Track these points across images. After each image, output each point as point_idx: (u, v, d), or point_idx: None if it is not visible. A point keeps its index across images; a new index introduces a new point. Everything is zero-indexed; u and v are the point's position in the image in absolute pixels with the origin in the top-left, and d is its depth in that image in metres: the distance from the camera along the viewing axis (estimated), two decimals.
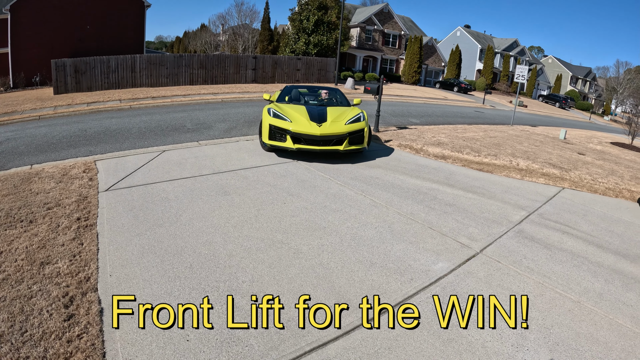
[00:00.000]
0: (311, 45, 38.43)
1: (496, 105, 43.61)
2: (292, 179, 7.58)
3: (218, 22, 73.48)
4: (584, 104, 74.94)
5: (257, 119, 15.35)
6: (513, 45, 72.38)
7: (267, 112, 9.46)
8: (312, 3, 38.80)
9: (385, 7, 54.67)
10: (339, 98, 12.02)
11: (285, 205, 6.27)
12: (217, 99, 21.62)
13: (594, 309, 4.46)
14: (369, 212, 6.34)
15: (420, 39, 51.21)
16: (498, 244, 5.78)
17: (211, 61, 29.28)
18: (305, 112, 9.66)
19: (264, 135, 9.31)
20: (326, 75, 35.77)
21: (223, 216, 5.65)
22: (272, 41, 51.25)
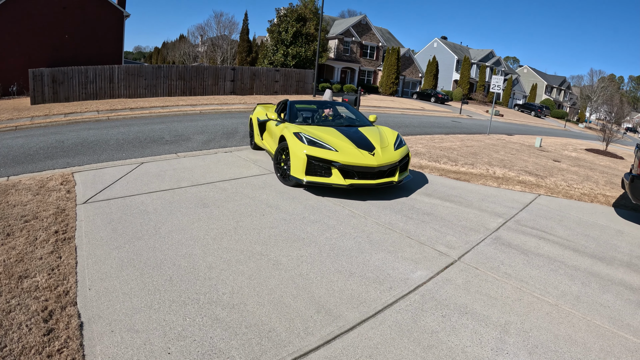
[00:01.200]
0: (289, 56, 38.60)
1: (473, 114, 44.08)
2: (270, 190, 7.59)
3: (197, 33, 73.50)
4: (559, 112, 76.26)
5: (236, 130, 15.37)
6: (489, 55, 73.41)
7: (297, 138, 7.69)
8: (291, 15, 39.03)
9: (363, 19, 55.15)
10: (359, 116, 10.30)
11: (264, 217, 6.26)
12: (196, 111, 21.56)
13: (572, 311, 4.54)
14: (347, 222, 6.36)
15: (397, 51, 51.72)
16: (476, 251, 5.85)
17: (190, 72, 29.23)
18: (345, 137, 8.11)
19: (295, 169, 7.56)
20: (304, 87, 35.92)
21: (202, 228, 5.62)
22: (250, 52, 51.35)
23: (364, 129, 8.88)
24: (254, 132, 11.09)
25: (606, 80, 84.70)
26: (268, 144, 9.82)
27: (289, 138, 7.85)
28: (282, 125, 8.66)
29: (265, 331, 3.61)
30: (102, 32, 32.22)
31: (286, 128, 8.21)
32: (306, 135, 7.74)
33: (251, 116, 11.47)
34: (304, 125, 8.59)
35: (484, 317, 4.19)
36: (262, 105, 11.62)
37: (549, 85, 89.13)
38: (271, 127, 9.57)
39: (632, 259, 6.28)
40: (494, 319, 4.19)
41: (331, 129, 8.59)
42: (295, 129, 8.10)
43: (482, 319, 4.15)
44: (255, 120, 10.86)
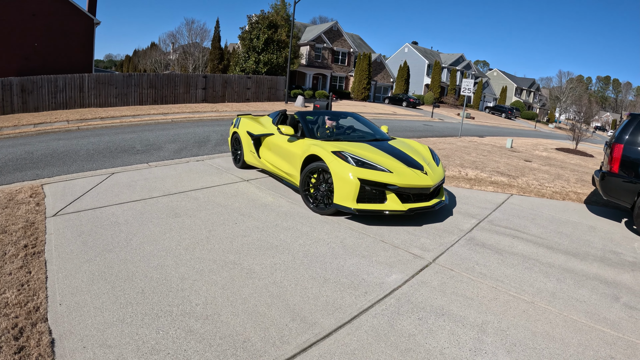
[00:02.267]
0: (261, 63, 38.48)
1: (444, 118, 44.52)
2: (243, 198, 7.50)
3: (168, 41, 72.65)
4: (529, 113, 77.48)
5: (208, 139, 15.22)
6: (459, 60, 74.38)
7: (340, 158, 6.60)
8: (262, 22, 38.94)
9: (335, 25, 55.34)
10: (375, 127, 9.41)
11: (237, 225, 6.17)
12: (167, 119, 21.35)
13: (548, 307, 4.58)
14: (320, 228, 6.32)
15: (369, 56, 52.00)
16: (450, 252, 5.86)
17: (161, 80, 28.93)
18: (387, 155, 7.24)
19: (342, 195, 6.46)
20: (276, 94, 35.88)
21: (174, 239, 5.51)
22: (222, 60, 51.15)
23: (396, 144, 8.19)
24: (242, 148, 9.67)
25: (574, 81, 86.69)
26: (272, 163, 8.51)
27: (328, 158, 6.70)
28: (304, 142, 7.57)
29: (240, 341, 3.53)
30: (73, 40, 31.60)
31: (316, 146, 7.09)
32: (352, 155, 6.65)
33: (235, 129, 10.06)
34: (332, 142, 7.47)
35: (460, 318, 4.18)
36: (248, 117, 10.24)
37: (518, 88, 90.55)
38: (280, 144, 8.26)
39: (606, 253, 6.40)
40: (471, 319, 4.19)
41: (364, 144, 7.65)
42: (330, 146, 7.02)
43: (459, 320, 4.14)
44: (244, 135, 9.50)
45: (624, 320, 4.48)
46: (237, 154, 10.09)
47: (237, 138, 9.98)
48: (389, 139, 8.63)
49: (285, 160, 8.03)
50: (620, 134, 8.34)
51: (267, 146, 8.76)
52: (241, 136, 9.70)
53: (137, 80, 27.73)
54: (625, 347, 3.98)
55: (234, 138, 10.20)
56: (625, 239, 7.32)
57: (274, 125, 9.04)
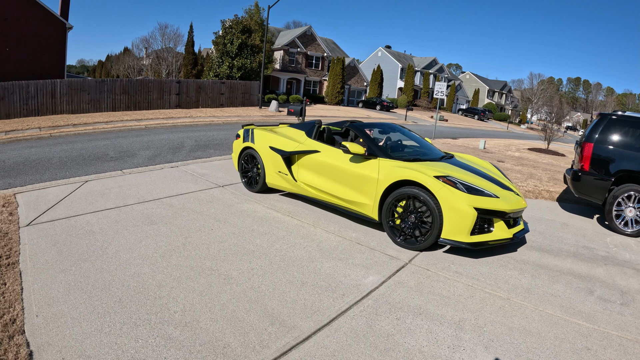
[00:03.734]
0: (235, 68, 38.40)
1: (418, 121, 44.92)
2: (218, 204, 7.46)
3: (142, 46, 71.64)
4: (502, 114, 78.61)
5: (182, 145, 15.12)
6: (432, 63, 75.10)
7: (450, 185, 5.72)
8: (236, 26, 38.87)
9: (309, 30, 55.49)
10: (422, 140, 8.43)
11: (213, 231, 6.14)
12: (141, 126, 21.13)
13: (524, 303, 4.71)
14: (296, 232, 6.35)
15: (342, 60, 52.20)
16: (426, 253, 5.94)
17: (134, 86, 28.60)
18: (477, 175, 6.60)
19: (454, 229, 5.63)
20: (250, 99, 35.80)
21: (150, 246, 5.46)
22: (196, 65, 50.71)
23: (467, 161, 7.64)
24: (263, 168, 8.22)
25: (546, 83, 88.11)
26: (319, 187, 7.26)
27: (433, 185, 5.71)
28: (382, 164, 6.46)
29: (220, 347, 3.52)
30: (45, 45, 30.92)
31: (408, 169, 6.07)
32: (460, 180, 5.90)
33: (249, 145, 8.52)
34: (411, 162, 6.53)
35: (438, 317, 4.24)
36: (265, 129, 8.75)
37: (490, 90, 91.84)
38: (335, 164, 7.02)
39: (579, 249, 6.63)
40: (448, 317, 4.25)
41: (443, 163, 6.84)
42: (429, 170, 6.04)
43: (436, 319, 4.20)
44: (266, 152, 8.12)
45: (598, 313, 4.64)
46: (250, 174, 8.64)
47: (253, 155, 8.50)
48: (450, 155, 7.83)
49: (346, 184, 6.84)
50: (590, 133, 8.66)
51: (309, 166, 7.48)
52: (261, 153, 8.23)
53: (110, 86, 27.35)
54: (601, 338, 4.11)
55: (246, 155, 8.68)
56: (598, 235, 7.57)
57: (311, 139, 7.72)
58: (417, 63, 75.18)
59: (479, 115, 69.83)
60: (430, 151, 7.70)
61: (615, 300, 5.00)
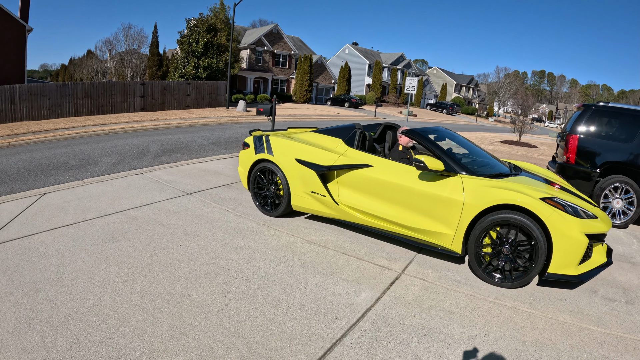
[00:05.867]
0: (201, 68, 37.55)
1: (387, 117, 44.82)
2: (187, 215, 6.83)
3: (105, 48, 69.86)
4: (469, 108, 79.59)
5: (147, 149, 14.43)
6: (399, 59, 75.38)
7: (560, 209, 4.78)
8: (202, 25, 37.98)
9: (275, 28, 54.91)
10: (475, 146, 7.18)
11: (182, 247, 5.52)
12: (104, 131, 20.28)
13: (531, 311, 4.41)
14: (275, 244, 5.80)
15: (310, 58, 51.77)
16: (418, 259, 5.53)
17: (97, 89, 27.53)
18: (564, 191, 5.68)
19: (565, 260, 4.72)
20: (217, 99, 35.05)
21: (112, 269, 4.82)
22: (161, 66, 49.62)
23: (538, 173, 6.68)
24: (288, 187, 6.74)
25: (512, 76, 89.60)
26: (372, 211, 5.91)
27: (541, 210, 4.72)
28: (470, 183, 5.24)
29: None
30: (3, 49, 29.52)
31: (504, 189, 5.00)
32: (567, 202, 5.01)
33: (265, 156, 7.00)
34: (502, 181, 5.37)
35: (445, 336, 3.82)
36: (283, 136, 7.29)
37: (458, 84, 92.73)
38: (397, 182, 5.70)
39: None
40: (456, 335, 3.85)
41: (530, 179, 5.91)
42: (529, 190, 5.04)
43: (444, 339, 3.78)
44: (292, 166, 6.66)
45: (607, 315, 4.48)
46: (265, 194, 7.18)
47: (272, 170, 6.96)
48: (515, 165, 6.81)
49: (414, 208, 5.57)
50: (574, 125, 8.65)
51: (356, 185, 6.12)
52: (284, 168, 6.74)
53: (72, 90, 26.24)
54: (616, 343, 3.94)
55: (262, 171, 7.14)
56: None
57: (353, 148, 6.40)
58: (385, 59, 75.26)
59: (447, 109, 70.58)
60: (497, 162, 6.50)
61: (620, 299, 4.90)
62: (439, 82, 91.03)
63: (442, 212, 5.29)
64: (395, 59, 75.09)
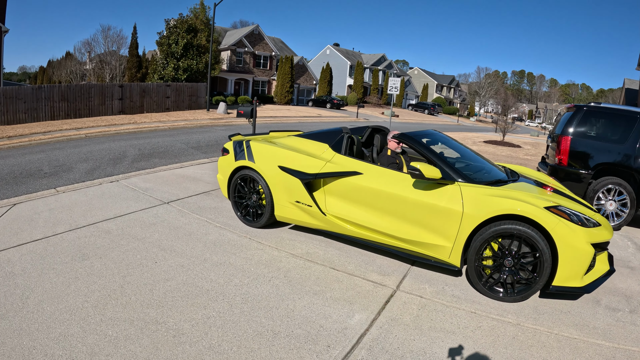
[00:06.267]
0: (180, 70, 36.97)
1: (369, 117, 44.76)
2: (163, 227, 6.43)
3: (84, 50, 68.81)
4: (451, 108, 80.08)
5: (124, 154, 13.98)
6: (381, 60, 75.44)
7: (565, 218, 4.55)
8: (181, 26, 37.40)
9: (256, 29, 54.54)
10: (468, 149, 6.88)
11: (157, 265, 5.12)
12: (81, 135, 19.72)
13: (537, 327, 4.20)
14: (258, 259, 5.43)
15: (291, 59, 51.52)
16: (413, 273, 5.24)
17: (74, 92, 26.76)
18: (567, 198, 5.46)
19: (570, 272, 4.47)
20: (197, 101, 34.53)
21: (81, 292, 4.41)
22: (140, 68, 48.99)
23: (534, 177, 6.41)
24: (271, 195, 6.34)
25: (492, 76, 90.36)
26: (361, 222, 5.56)
27: (547, 220, 4.46)
28: (465, 190, 4.94)
29: None
30: None
31: (506, 198, 4.74)
32: (572, 210, 4.76)
33: (247, 163, 6.57)
34: (502, 189, 5.07)
35: None
36: (265, 141, 6.87)
37: (439, 84, 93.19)
38: (389, 191, 5.34)
39: None
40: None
41: (530, 185, 5.66)
42: (532, 198, 4.81)
43: None
44: (276, 174, 6.25)
45: (612, 327, 4.35)
46: (248, 204, 6.77)
47: (253, 178, 6.55)
48: (511, 169, 6.57)
49: (408, 219, 5.23)
50: (565, 127, 8.53)
51: (345, 194, 5.75)
52: (267, 176, 6.33)
53: (48, 93, 25.47)
54: (625, 358, 3.83)
55: (243, 178, 6.73)
56: None
57: (341, 154, 6.02)
58: (366, 60, 75.22)
59: (429, 109, 70.93)
60: (492, 166, 6.17)
61: (624, 308, 4.79)
62: (420, 82, 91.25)
63: (439, 223, 4.99)
64: (377, 59, 75.08)
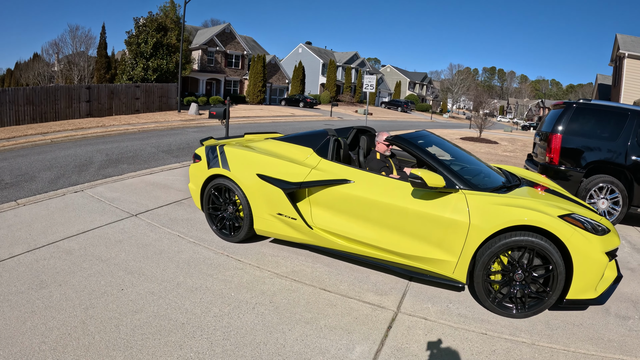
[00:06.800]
0: (150, 70, 36.01)
1: (343, 116, 44.56)
2: (130, 245, 5.79)
3: (52, 51, 66.98)
4: (423, 105, 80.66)
5: (91, 160, 13.28)
6: (353, 58, 75.46)
7: (579, 226, 4.26)
8: (151, 25, 36.42)
9: (227, 28, 53.78)
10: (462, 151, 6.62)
11: (124, 293, 4.48)
12: (47, 140, 18.86)
13: (552, 346, 3.94)
14: (238, 282, 4.87)
15: (263, 58, 50.92)
16: (412, 290, 4.82)
17: (39, 95, 25.58)
18: (569, 201, 5.16)
19: (586, 284, 4.20)
20: (168, 102, 33.66)
21: (38, 330, 3.78)
22: (110, 69, 47.77)
23: (534, 180, 6.05)
24: (250, 207, 5.74)
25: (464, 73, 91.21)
26: (353, 235, 5.05)
27: (561, 230, 4.12)
28: (471, 199, 4.51)
29: None
30: None
31: (517, 207, 4.35)
32: (585, 218, 4.43)
33: (221, 171, 5.94)
34: (509, 197, 4.66)
35: None
36: (240, 146, 6.32)
37: (411, 82, 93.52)
38: (383, 201, 4.86)
39: None
40: None
41: (536, 191, 5.30)
42: (544, 206, 4.41)
43: None
44: (254, 183, 5.63)
45: (627, 338, 4.16)
46: (224, 215, 6.18)
47: (229, 188, 5.97)
48: (511, 172, 6.22)
49: (407, 232, 4.76)
50: (555, 124, 8.32)
51: (333, 204, 5.23)
52: (245, 186, 5.72)
53: (12, 96, 24.26)
54: None
55: (217, 188, 6.14)
56: None
57: (327, 160, 5.51)
58: (339, 58, 74.98)
59: (402, 107, 71.13)
60: (490, 169, 5.76)
61: (633, 315, 4.64)
62: (392, 80, 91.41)
63: (442, 235, 4.55)
64: (349, 57, 74.94)
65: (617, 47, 29.72)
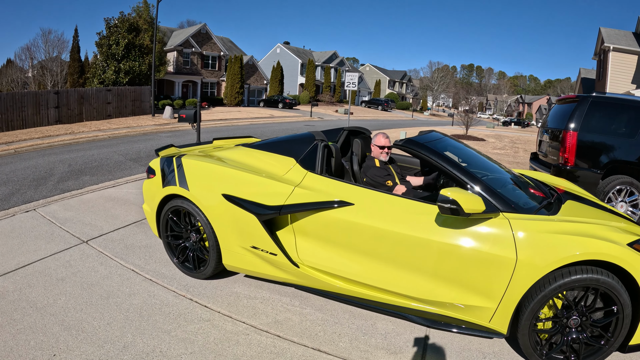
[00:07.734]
0: (122, 73, 34.79)
1: (324, 116, 44.02)
2: (74, 285, 4.69)
3: (24, 56, 65.22)
4: (404, 103, 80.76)
5: (51, 172, 12.23)
6: (332, 57, 75.22)
7: None
8: (122, 25, 35.19)
9: (203, 28, 52.75)
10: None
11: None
12: (10, 150, 17.67)
13: None
14: (203, 342, 3.73)
15: (240, 59, 50.01)
16: (433, 343, 3.81)
17: (5, 102, 24.24)
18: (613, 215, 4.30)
19: None
20: (142, 106, 32.51)
21: None
22: (83, 73, 46.34)
23: (571, 190, 5.11)
24: (216, 237, 4.57)
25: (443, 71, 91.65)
26: (358, 273, 3.91)
27: (637, 264, 3.21)
28: (517, 226, 3.43)
29: None
30: None
31: (580, 236, 3.34)
32: None
33: (179, 191, 4.74)
34: (563, 221, 3.59)
35: None
36: (203, 155, 5.16)
37: (391, 80, 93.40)
38: (400, 234, 3.69)
39: None
40: None
41: (584, 205, 4.32)
42: (608, 232, 3.46)
43: None
44: (219, 204, 4.44)
45: None
46: (186, 246, 5.01)
47: (189, 212, 4.75)
48: (541, 181, 5.20)
49: (431, 272, 3.67)
50: (569, 121, 7.53)
51: (327, 236, 4.06)
52: (207, 210, 4.55)
53: None
54: None
55: (175, 211, 4.95)
56: None
57: (315, 174, 4.32)
58: (317, 58, 74.43)
59: (382, 105, 70.93)
60: (518, 179, 4.57)
61: None
62: (372, 78, 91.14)
63: (478, 276, 3.48)
64: (328, 57, 74.46)
65: (601, 40, 29.45)
